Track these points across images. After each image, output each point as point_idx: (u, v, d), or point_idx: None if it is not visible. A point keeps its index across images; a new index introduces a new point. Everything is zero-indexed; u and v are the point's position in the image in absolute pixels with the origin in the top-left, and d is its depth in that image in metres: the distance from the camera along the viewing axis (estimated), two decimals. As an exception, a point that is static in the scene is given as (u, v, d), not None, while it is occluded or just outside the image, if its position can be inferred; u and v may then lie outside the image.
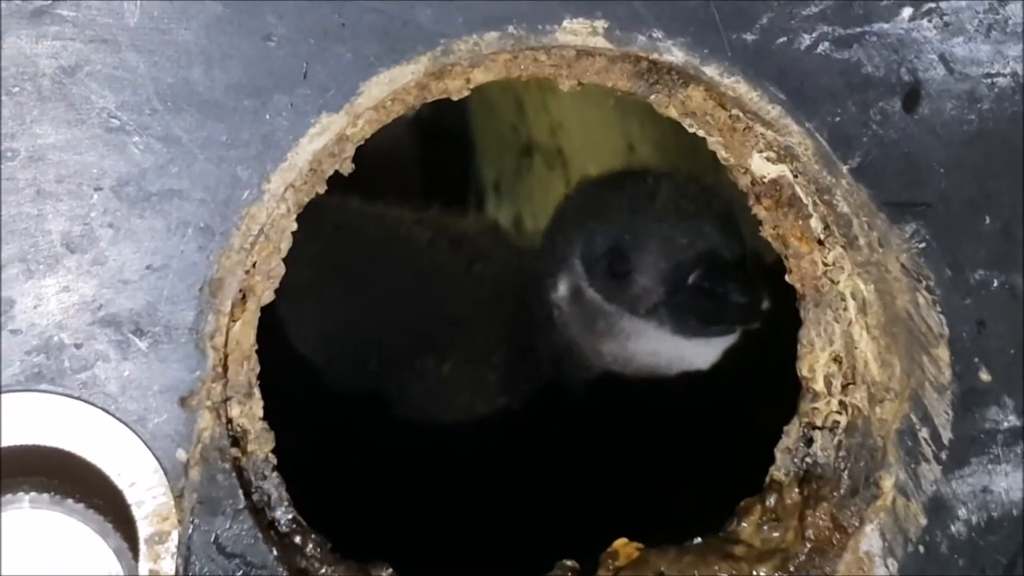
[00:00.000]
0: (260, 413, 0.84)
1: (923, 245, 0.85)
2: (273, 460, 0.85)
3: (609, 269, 1.33)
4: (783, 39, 0.80)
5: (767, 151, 0.86)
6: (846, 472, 0.90)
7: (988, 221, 0.85)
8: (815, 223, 0.88)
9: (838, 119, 0.82)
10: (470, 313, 1.41)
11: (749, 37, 0.80)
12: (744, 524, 0.91)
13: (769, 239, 0.92)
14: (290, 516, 0.86)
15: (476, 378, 1.37)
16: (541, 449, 1.32)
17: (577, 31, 0.79)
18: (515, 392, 1.37)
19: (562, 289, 1.38)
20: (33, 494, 0.70)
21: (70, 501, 0.71)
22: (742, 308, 1.27)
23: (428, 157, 2.09)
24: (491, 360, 1.38)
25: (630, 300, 1.33)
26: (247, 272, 0.80)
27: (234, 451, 0.82)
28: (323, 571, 0.87)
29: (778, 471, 0.93)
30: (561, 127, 1.91)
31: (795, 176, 0.87)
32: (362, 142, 0.82)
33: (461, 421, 1.36)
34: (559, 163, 1.95)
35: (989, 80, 0.83)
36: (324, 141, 0.78)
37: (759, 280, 1.27)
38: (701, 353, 1.36)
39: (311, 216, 0.84)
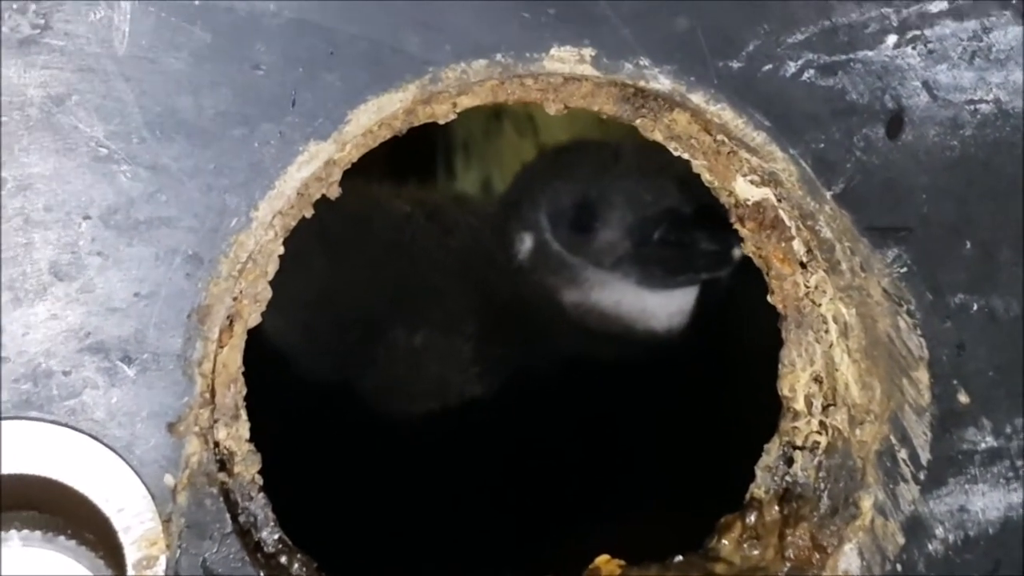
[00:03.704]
0: (246, 435, 0.84)
1: (904, 270, 0.85)
2: (259, 481, 0.86)
3: (574, 223, 1.36)
4: (769, 66, 0.81)
5: (751, 175, 0.87)
6: (826, 492, 0.91)
7: (969, 246, 0.86)
8: (797, 245, 0.89)
9: (822, 145, 0.83)
10: (442, 284, 1.42)
11: (735, 64, 0.80)
12: (724, 541, 0.92)
13: (752, 256, 0.92)
14: (276, 536, 0.86)
15: (448, 348, 1.38)
16: (514, 424, 1.33)
17: (564, 59, 0.79)
18: (487, 361, 1.38)
19: (527, 243, 1.40)
20: (25, 531, 0.70)
21: (62, 538, 0.71)
22: (711, 256, 1.30)
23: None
24: (463, 330, 1.39)
25: (595, 253, 1.37)
26: (235, 298, 0.80)
27: (221, 475, 0.83)
28: (309, 590, 0.87)
29: (758, 488, 0.94)
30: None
31: (778, 200, 0.88)
32: (348, 166, 0.82)
33: (433, 392, 1.37)
34: (530, 130, 1.97)
35: (972, 107, 0.84)
36: (312, 168, 0.78)
37: (728, 229, 1.29)
38: (664, 305, 1.40)
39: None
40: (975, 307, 0.87)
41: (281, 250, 0.82)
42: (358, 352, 1.37)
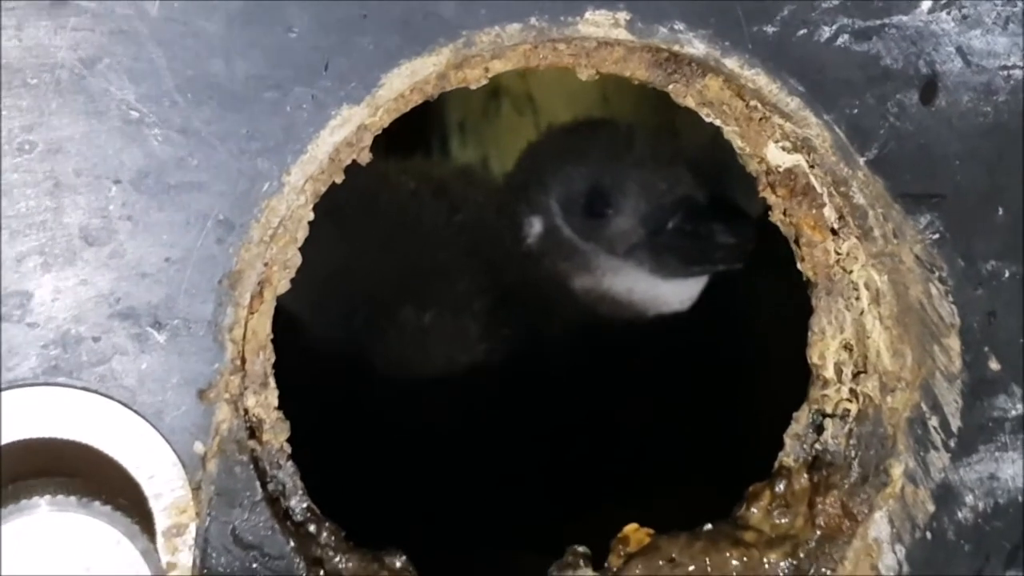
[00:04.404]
0: (275, 403, 0.84)
1: (937, 236, 0.85)
2: (287, 449, 0.85)
3: (587, 209, 1.35)
4: (803, 31, 0.80)
5: (783, 141, 0.86)
6: (856, 460, 0.91)
7: (1001, 212, 0.85)
8: (829, 212, 0.88)
9: (856, 111, 0.82)
10: (450, 262, 1.41)
11: (770, 29, 0.80)
12: (753, 510, 0.92)
13: (779, 225, 0.92)
14: (304, 505, 0.86)
15: (457, 327, 1.37)
16: (525, 398, 1.33)
17: (599, 23, 0.78)
18: (496, 338, 1.37)
19: (536, 227, 1.39)
20: (60, 496, 0.70)
21: (97, 503, 0.70)
22: (727, 248, 1.29)
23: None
24: (472, 308, 1.38)
25: (608, 240, 1.36)
26: (265, 264, 0.80)
27: (251, 443, 0.82)
28: (337, 559, 0.87)
29: (787, 457, 0.93)
30: (531, 72, 1.90)
31: (810, 167, 0.87)
32: (380, 132, 0.82)
33: (442, 371, 1.36)
34: (529, 109, 1.95)
35: (1005, 72, 0.83)
36: (344, 133, 0.77)
37: (746, 220, 1.28)
38: (676, 293, 1.40)
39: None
40: (1007, 274, 0.86)
41: (311, 216, 0.81)
42: (368, 331, 1.36)
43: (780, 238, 0.94)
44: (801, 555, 0.90)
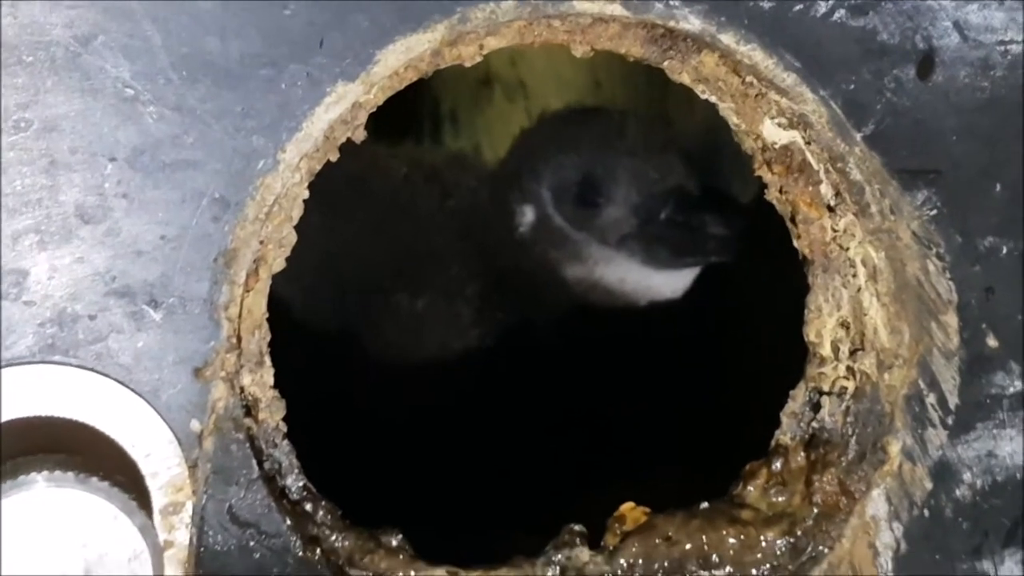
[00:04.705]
0: (271, 381, 0.84)
1: (934, 212, 0.85)
2: (283, 428, 0.85)
3: (579, 198, 1.35)
4: (799, 7, 0.80)
5: (779, 117, 0.86)
6: (854, 437, 0.91)
7: (998, 188, 0.85)
8: (825, 189, 0.88)
9: (853, 86, 0.82)
10: (443, 248, 1.40)
11: (766, 4, 0.80)
12: (750, 488, 0.92)
13: (775, 202, 0.92)
14: (300, 483, 0.86)
15: (450, 313, 1.37)
16: (518, 385, 1.33)
17: (594, -2, 0.78)
18: (489, 324, 1.37)
19: (528, 215, 1.39)
20: (57, 472, 0.70)
21: (94, 479, 0.70)
22: (719, 240, 1.28)
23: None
24: (465, 294, 1.38)
25: (600, 229, 1.35)
26: (261, 242, 0.79)
27: (247, 421, 0.82)
28: (333, 538, 0.87)
29: (784, 435, 0.93)
30: (523, 58, 1.90)
31: (807, 143, 0.87)
32: (374, 109, 0.82)
33: (436, 356, 1.36)
34: (520, 95, 1.95)
35: (1002, 47, 0.83)
36: (339, 110, 0.77)
37: (738, 212, 1.28)
38: (668, 283, 1.39)
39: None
40: (1004, 250, 0.86)
41: (306, 194, 0.81)
42: (361, 315, 1.36)
43: (772, 224, 0.94)
44: (798, 533, 0.90)
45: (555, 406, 1.32)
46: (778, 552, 0.91)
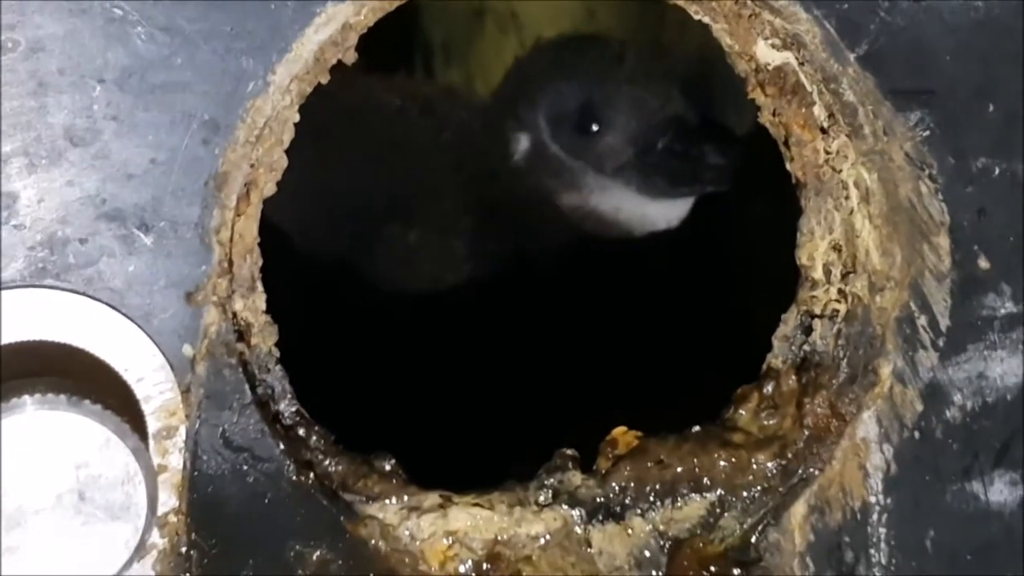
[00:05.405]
0: (263, 306, 0.83)
1: (927, 133, 0.84)
2: (276, 353, 0.85)
3: (577, 126, 1.34)
4: (793, -76, 0.79)
5: (773, 38, 0.85)
6: (845, 360, 0.91)
7: (992, 109, 0.85)
8: (818, 111, 0.88)
9: (846, 6, 0.81)
10: (437, 181, 1.40)
11: (760, -77, 0.79)
12: (742, 412, 0.92)
13: (768, 125, 0.91)
14: (293, 409, 0.86)
15: (443, 246, 1.37)
16: (512, 314, 1.33)
17: (587, -83, 0.77)
18: (482, 257, 1.37)
19: (523, 144, 1.38)
20: (50, 395, 0.69)
21: (87, 402, 0.70)
22: (717, 169, 1.28)
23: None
24: (457, 227, 1.38)
25: (596, 157, 1.35)
26: (251, 166, 0.79)
27: (240, 346, 0.82)
28: (327, 463, 0.87)
29: (775, 359, 0.93)
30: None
31: (800, 64, 0.86)
32: (364, 31, 0.81)
33: (429, 290, 1.36)
34: (512, 26, 1.93)
35: (998, -34, 0.82)
36: (329, 31, 0.76)
37: (735, 142, 1.28)
38: (664, 213, 1.39)
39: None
40: (997, 171, 0.86)
41: (297, 118, 0.80)
42: (354, 247, 1.36)
43: (766, 155, 0.93)
44: (789, 455, 0.90)
45: (549, 335, 1.32)
46: (769, 475, 0.91)
